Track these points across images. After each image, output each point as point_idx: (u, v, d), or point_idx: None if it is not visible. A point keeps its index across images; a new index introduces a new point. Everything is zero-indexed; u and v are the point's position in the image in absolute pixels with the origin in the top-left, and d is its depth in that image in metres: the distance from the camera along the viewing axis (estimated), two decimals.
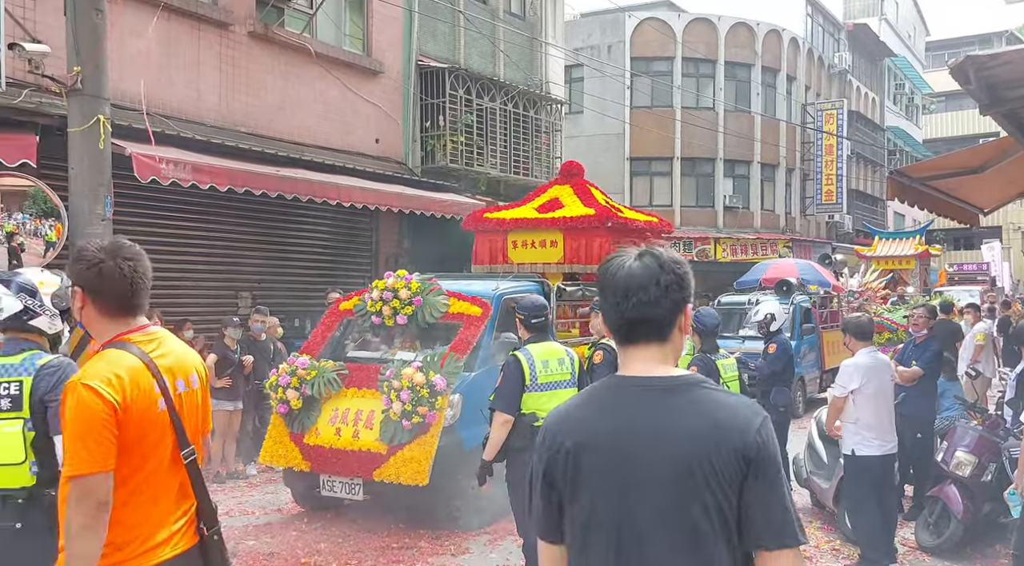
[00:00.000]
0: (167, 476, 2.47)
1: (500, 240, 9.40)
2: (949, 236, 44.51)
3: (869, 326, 6.07)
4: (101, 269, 2.45)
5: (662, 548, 1.71)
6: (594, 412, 1.84)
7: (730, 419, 1.74)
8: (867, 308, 16.79)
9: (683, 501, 1.70)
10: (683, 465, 1.70)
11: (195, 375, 2.61)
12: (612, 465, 1.76)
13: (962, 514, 6.11)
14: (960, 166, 7.33)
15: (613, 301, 1.84)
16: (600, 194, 9.61)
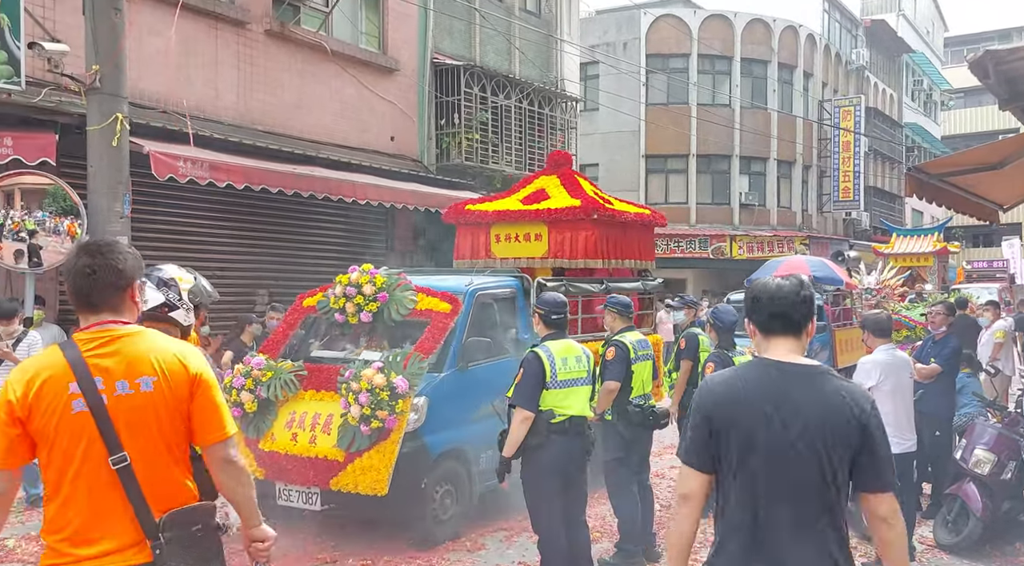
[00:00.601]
0: (101, 483, 2.37)
1: (483, 233, 8.81)
2: (968, 233, 44.10)
3: (888, 323, 6.04)
4: (68, 267, 2.50)
5: (796, 487, 2.34)
6: (748, 382, 2.46)
7: (851, 398, 2.39)
8: (885, 305, 16.68)
9: (810, 454, 2.34)
10: (812, 429, 2.34)
11: (149, 377, 2.42)
12: (758, 424, 2.37)
13: (981, 512, 6.06)
14: (979, 162, 7.26)
15: (767, 304, 2.53)
16: (588, 185, 9.04)
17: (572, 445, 4.81)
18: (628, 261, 8.71)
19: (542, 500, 4.84)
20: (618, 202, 9.10)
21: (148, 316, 3.27)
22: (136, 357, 2.44)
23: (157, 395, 2.43)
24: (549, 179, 8.96)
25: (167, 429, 2.45)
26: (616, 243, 8.48)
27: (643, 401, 6.00)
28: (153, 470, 2.42)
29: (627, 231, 8.73)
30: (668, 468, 8.82)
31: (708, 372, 5.68)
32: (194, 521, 2.49)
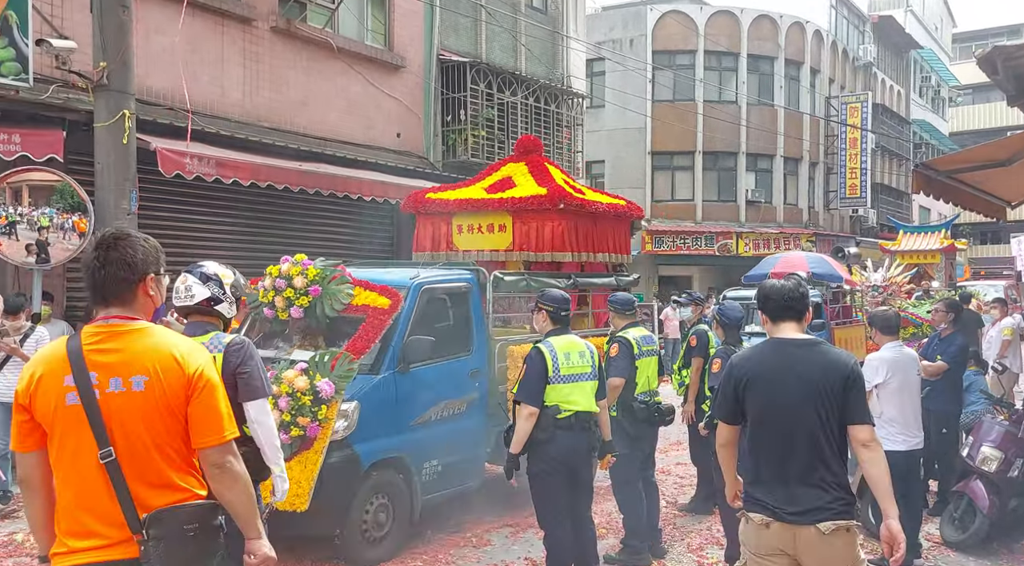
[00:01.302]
0: (91, 476, 2.39)
1: (444, 224, 8.30)
2: (975, 230, 43.92)
3: (895, 320, 6.02)
4: (83, 259, 2.55)
5: (801, 427, 3.24)
6: (764, 356, 3.40)
7: (837, 360, 3.31)
8: (891, 302, 16.61)
9: (812, 403, 3.23)
10: (812, 384, 3.24)
11: (141, 377, 2.40)
12: (774, 384, 3.30)
13: (988, 509, 6.05)
14: (987, 159, 7.23)
15: (775, 299, 3.45)
16: (558, 173, 8.47)
17: (578, 441, 4.82)
18: (600, 254, 8.24)
19: (548, 496, 4.84)
20: (590, 191, 8.59)
21: (195, 309, 3.54)
22: (134, 355, 2.43)
23: (148, 395, 2.41)
24: (516, 166, 8.42)
25: (158, 429, 2.43)
26: (587, 235, 8.02)
27: (648, 397, 6.01)
28: (142, 467, 2.41)
29: (599, 223, 8.21)
30: (674, 465, 8.83)
31: (715, 369, 5.68)
32: (186, 520, 2.45)
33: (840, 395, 3.24)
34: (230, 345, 3.38)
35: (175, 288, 3.54)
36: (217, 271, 3.61)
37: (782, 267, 14.26)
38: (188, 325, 3.57)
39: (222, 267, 3.65)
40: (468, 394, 6.54)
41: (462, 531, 6.54)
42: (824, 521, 3.14)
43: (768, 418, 3.31)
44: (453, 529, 6.58)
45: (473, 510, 6.84)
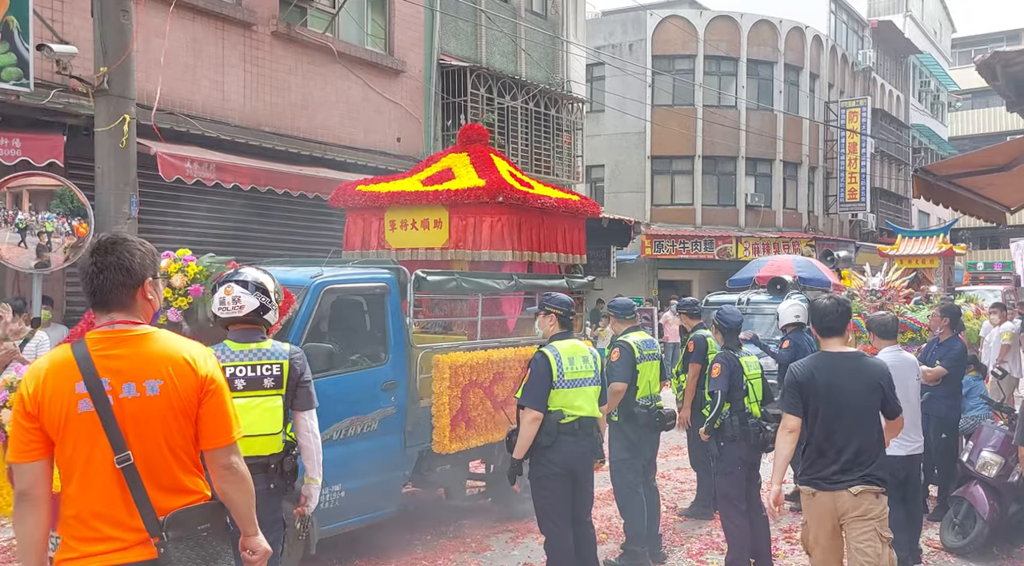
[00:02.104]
0: (107, 481, 2.39)
1: (376, 219, 7.57)
2: (975, 235, 43.93)
3: (893, 325, 6.02)
4: (80, 265, 2.52)
5: (857, 424, 4.14)
6: (821, 365, 4.24)
7: (877, 368, 4.30)
8: (890, 307, 16.58)
9: (862, 403, 4.18)
10: (861, 388, 4.18)
11: (155, 381, 2.41)
12: (830, 388, 4.14)
13: (988, 515, 6.04)
14: (986, 163, 7.24)
15: (821, 319, 4.35)
16: (504, 164, 7.67)
17: (581, 446, 4.81)
18: (548, 254, 7.52)
19: (550, 501, 4.84)
20: (540, 185, 7.86)
21: (244, 319, 3.65)
22: (145, 359, 2.43)
23: (163, 399, 2.42)
24: (458, 157, 7.65)
25: (173, 432, 2.45)
26: (533, 233, 7.31)
27: (649, 403, 6.01)
28: (157, 471, 2.42)
29: (548, 219, 7.54)
30: (675, 469, 8.82)
31: (715, 373, 5.68)
32: (200, 521, 2.48)
33: (880, 396, 4.24)
34: (293, 353, 3.68)
35: (219, 299, 3.63)
36: (258, 278, 3.69)
37: (768, 271, 14.07)
38: (233, 333, 3.68)
39: (260, 273, 3.73)
40: (381, 409, 5.75)
41: (462, 536, 6.54)
42: (855, 485, 4.07)
43: (827, 416, 4.15)
44: (453, 534, 6.58)
45: (472, 515, 6.84)
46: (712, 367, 5.76)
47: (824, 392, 4.15)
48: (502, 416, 6.42)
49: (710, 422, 5.59)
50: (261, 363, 3.63)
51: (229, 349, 3.65)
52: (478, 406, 6.31)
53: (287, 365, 3.64)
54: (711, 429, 5.62)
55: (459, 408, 6.14)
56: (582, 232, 8.12)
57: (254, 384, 3.60)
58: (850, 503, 4.07)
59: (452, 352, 6.17)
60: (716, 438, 5.65)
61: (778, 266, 14.74)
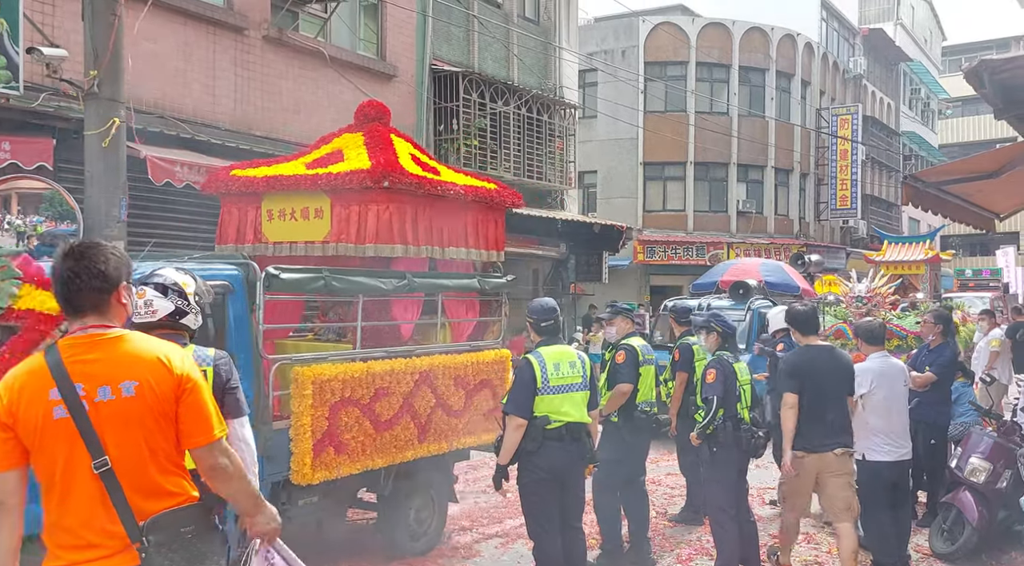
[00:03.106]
0: (86, 488, 2.37)
1: (252, 209, 6.57)
2: (964, 242, 44.17)
3: (880, 330, 6.03)
4: (52, 271, 2.49)
5: (833, 400, 5.34)
6: (808, 355, 5.48)
7: (846, 358, 5.64)
8: (876, 314, 16.58)
9: (837, 385, 5.40)
10: (840, 374, 5.43)
11: (131, 382, 2.39)
12: (816, 373, 5.35)
13: (977, 521, 6.06)
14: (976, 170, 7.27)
15: (802, 321, 5.70)
16: (406, 146, 6.64)
17: (568, 451, 4.80)
18: (454, 249, 6.53)
19: (538, 506, 4.83)
20: (449, 171, 6.89)
21: (159, 325, 3.25)
22: (119, 361, 2.42)
23: (139, 400, 2.40)
24: (352, 137, 6.64)
25: (152, 433, 2.43)
26: (434, 224, 6.34)
27: (648, 407, 6.03)
28: (136, 474, 2.40)
29: (455, 210, 6.54)
30: (665, 475, 8.82)
31: (710, 379, 5.66)
32: (183, 523, 2.47)
33: (848, 381, 5.48)
34: (218, 359, 3.30)
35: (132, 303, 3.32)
36: (176, 279, 3.33)
37: (732, 274, 13.51)
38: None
39: (180, 274, 3.38)
40: None
41: (451, 542, 6.52)
42: (838, 448, 5.33)
43: (813, 395, 5.31)
44: (442, 541, 6.55)
45: (461, 521, 6.81)
46: (707, 372, 5.74)
47: (810, 376, 5.35)
48: (388, 438, 5.65)
49: (704, 427, 5.59)
50: None
51: None
52: (353, 428, 5.39)
53: (211, 372, 3.25)
54: (704, 434, 5.62)
55: (326, 430, 5.22)
56: (501, 225, 7.14)
57: None
58: (834, 463, 5.33)
59: (317, 364, 5.26)
60: (709, 444, 5.64)
61: (744, 270, 13.97)
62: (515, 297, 15.65)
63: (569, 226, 15.46)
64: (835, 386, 5.38)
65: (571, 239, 16.30)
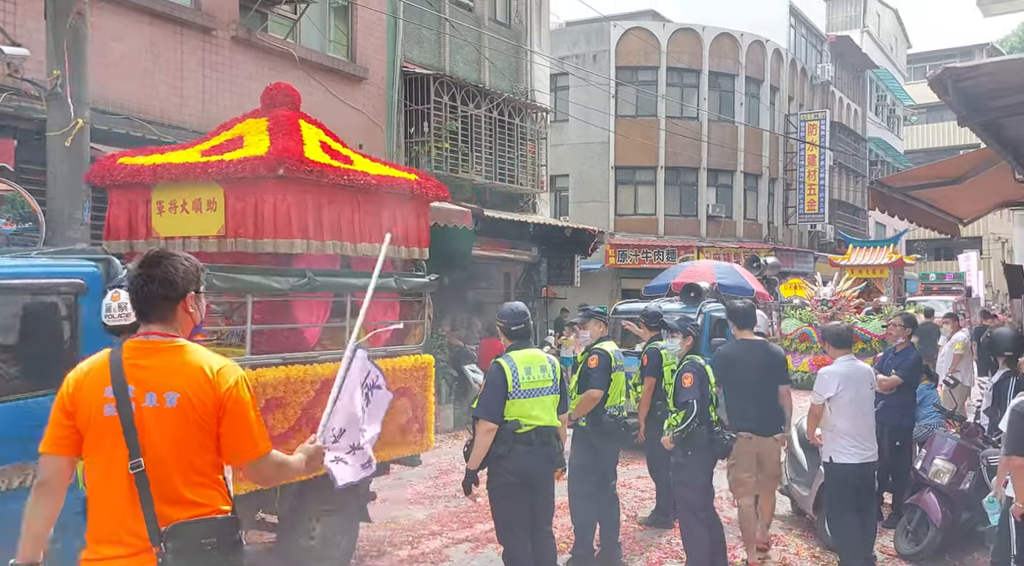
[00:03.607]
0: (121, 485, 2.47)
1: (142, 201, 5.87)
2: (929, 247, 44.91)
3: (847, 334, 6.10)
4: (128, 277, 2.63)
5: (760, 387, 5.96)
6: (740, 348, 6.12)
7: (776, 350, 6.42)
8: (841, 317, 16.72)
9: (769, 375, 6.04)
10: (773, 365, 6.11)
11: (174, 394, 2.48)
12: (743, 365, 5.97)
13: (941, 522, 6.14)
14: (940, 176, 7.40)
15: (741, 316, 6.24)
16: (317, 131, 6.13)
17: (538, 455, 4.78)
18: (367, 245, 5.89)
19: (508, 511, 4.81)
20: (364, 160, 6.26)
21: (131, 328, 3.16)
22: (169, 371, 2.51)
23: (179, 412, 2.48)
24: (255, 123, 6.04)
25: (186, 445, 2.50)
26: (343, 218, 5.78)
27: (617, 412, 6.03)
28: (164, 481, 2.48)
29: (368, 202, 5.96)
30: (635, 478, 8.84)
31: (687, 383, 5.66)
32: (204, 534, 2.50)
33: (781, 370, 6.16)
34: None
35: (106, 306, 3.28)
36: None
37: (686, 276, 13.31)
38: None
39: None
40: None
41: (420, 547, 6.48)
42: (776, 433, 6.12)
43: (747, 383, 5.94)
44: (411, 546, 6.51)
45: (431, 526, 6.78)
46: (683, 376, 5.75)
47: (744, 367, 5.96)
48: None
49: (681, 431, 5.59)
50: None
51: None
52: None
53: None
54: (677, 437, 5.63)
55: None
56: (424, 219, 6.65)
57: None
58: (773, 446, 6.14)
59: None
60: (683, 447, 5.65)
61: (698, 272, 13.75)
62: (487, 301, 15.67)
63: (541, 230, 15.45)
64: (765, 376, 5.98)
65: (543, 243, 16.30)
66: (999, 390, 6.52)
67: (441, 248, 12.15)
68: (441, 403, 12.27)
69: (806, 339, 17.46)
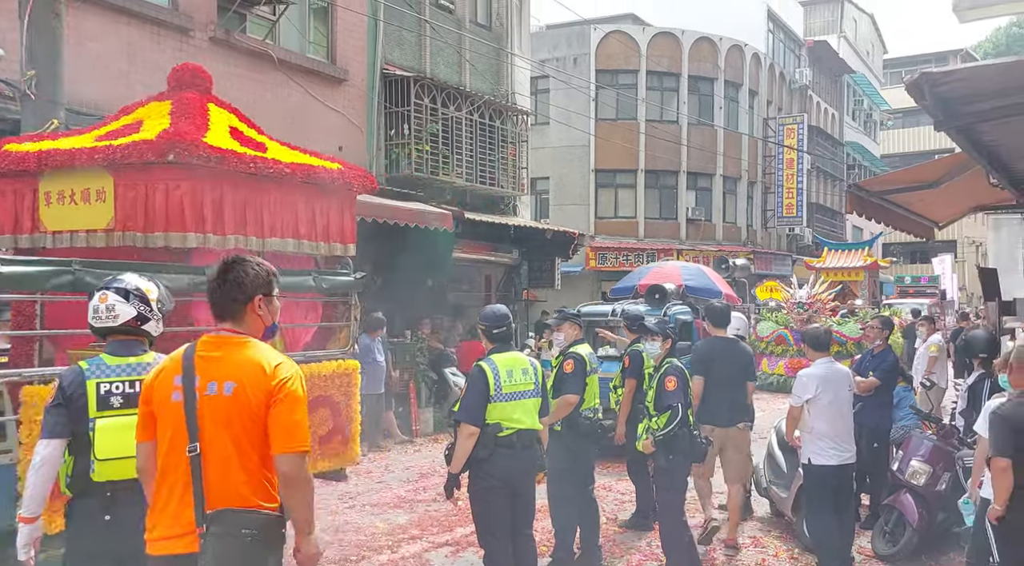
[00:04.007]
0: (181, 467, 2.70)
1: (29, 191, 5.35)
2: (905, 250, 45.39)
3: (826, 337, 6.14)
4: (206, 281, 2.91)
5: (731, 382, 6.61)
6: (715, 345, 6.79)
7: (745, 348, 7.07)
8: (816, 320, 16.77)
9: (737, 372, 6.66)
10: (740, 362, 6.76)
11: (232, 383, 2.70)
12: (721, 360, 6.62)
13: (917, 523, 6.19)
14: (916, 180, 7.48)
15: (717, 316, 6.87)
16: (228, 117, 5.69)
17: (520, 458, 4.77)
18: (278, 240, 5.44)
19: (489, 514, 4.79)
20: (282, 148, 5.73)
21: (120, 330, 3.33)
22: (231, 363, 2.75)
23: (235, 400, 2.70)
24: (158, 106, 5.52)
25: (241, 432, 2.69)
26: (251, 211, 5.28)
27: (592, 414, 6.03)
28: (217, 467, 2.67)
29: (283, 193, 5.46)
30: (615, 481, 8.85)
31: (671, 386, 5.65)
32: (245, 525, 2.65)
33: (750, 368, 6.87)
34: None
35: (93, 307, 3.33)
36: (139, 285, 3.37)
37: (652, 278, 13.00)
38: (111, 345, 3.37)
39: (143, 280, 3.42)
40: None
41: (400, 551, 6.45)
42: (740, 423, 6.66)
43: (717, 378, 6.51)
44: (391, 550, 6.48)
45: (411, 530, 6.75)
46: (666, 380, 5.73)
47: (716, 363, 6.57)
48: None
49: (664, 435, 5.59)
50: (140, 378, 3.22)
51: (104, 363, 3.30)
52: None
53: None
54: (657, 440, 5.63)
55: None
56: (350, 213, 6.11)
57: (133, 401, 3.16)
58: (736, 436, 6.68)
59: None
60: (665, 451, 5.65)
61: (664, 274, 13.40)
62: (468, 304, 15.65)
63: (522, 232, 15.45)
64: (736, 372, 6.64)
65: (524, 245, 16.30)
66: (974, 392, 6.58)
67: (421, 251, 12.20)
68: (421, 406, 12.25)
69: (782, 342, 17.48)
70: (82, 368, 3.29)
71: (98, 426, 3.20)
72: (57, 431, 3.22)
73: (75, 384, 3.24)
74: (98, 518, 3.18)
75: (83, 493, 3.22)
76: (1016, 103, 4.38)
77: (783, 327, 17.58)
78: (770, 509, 7.54)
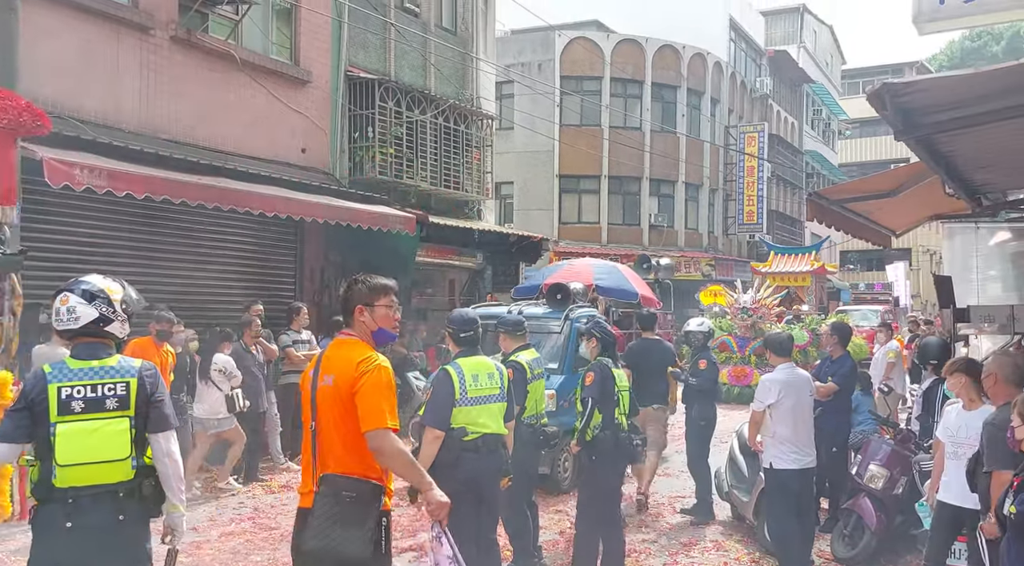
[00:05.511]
0: (307, 440, 3.37)
1: None
2: (862, 257, 46.22)
3: (788, 343, 6.22)
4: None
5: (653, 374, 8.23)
6: (644, 346, 8.48)
7: (667, 346, 8.81)
8: (761, 325, 16.57)
9: (660, 366, 8.33)
10: (663, 358, 8.39)
11: (332, 376, 3.30)
12: (648, 357, 8.27)
13: (875, 526, 6.29)
14: (875, 189, 7.60)
15: (646, 320, 8.68)
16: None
17: (485, 463, 4.76)
18: None
19: (453, 519, 4.74)
20: None
21: (83, 332, 3.28)
22: (336, 359, 3.36)
23: (334, 389, 3.28)
24: None
25: (339, 416, 3.27)
26: None
27: (535, 421, 5.98)
28: (328, 441, 3.29)
29: None
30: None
31: (588, 381, 5.73)
32: (346, 488, 3.20)
33: (670, 360, 8.30)
34: (144, 370, 3.35)
35: (55, 310, 3.27)
36: (103, 286, 3.34)
37: (562, 276, 12.08)
38: (75, 348, 3.31)
39: (108, 281, 3.39)
40: None
41: None
42: (655, 405, 8.03)
43: (644, 370, 7.94)
44: None
45: None
46: (586, 375, 5.80)
47: (644, 359, 8.04)
48: None
49: (581, 432, 5.62)
50: (103, 382, 3.24)
51: (67, 367, 3.26)
52: None
53: (135, 383, 3.28)
54: (583, 441, 5.65)
55: None
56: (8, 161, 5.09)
57: (94, 406, 3.19)
58: (652, 414, 8.00)
59: None
60: (588, 451, 5.66)
61: (575, 272, 12.51)
62: (432, 308, 15.58)
63: (486, 236, 15.43)
64: (659, 366, 8.17)
65: (488, 249, 16.28)
66: (928, 397, 6.71)
67: (384, 254, 12.13)
68: None
69: (725, 349, 16.47)
70: (44, 372, 3.24)
71: (59, 431, 3.15)
72: (9, 435, 3.18)
73: (37, 388, 3.20)
74: (59, 524, 3.13)
75: (46, 499, 3.17)
76: (974, 114, 4.47)
77: (726, 333, 16.75)
78: (731, 513, 7.60)
